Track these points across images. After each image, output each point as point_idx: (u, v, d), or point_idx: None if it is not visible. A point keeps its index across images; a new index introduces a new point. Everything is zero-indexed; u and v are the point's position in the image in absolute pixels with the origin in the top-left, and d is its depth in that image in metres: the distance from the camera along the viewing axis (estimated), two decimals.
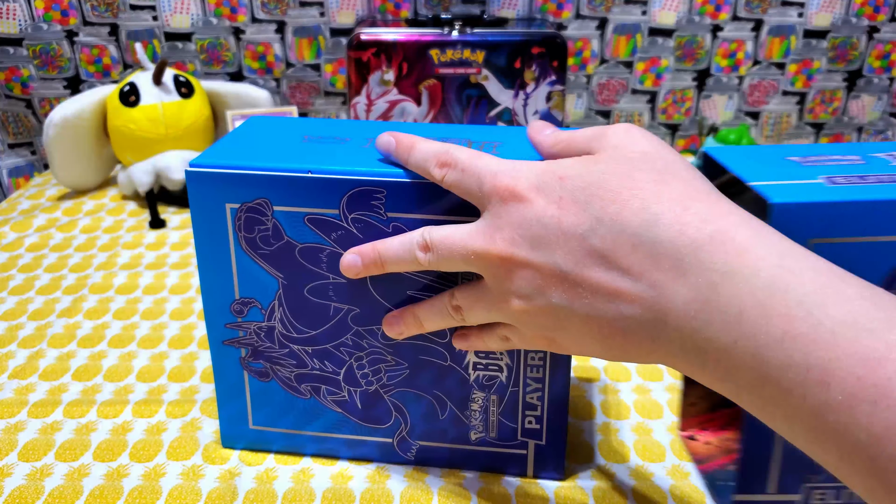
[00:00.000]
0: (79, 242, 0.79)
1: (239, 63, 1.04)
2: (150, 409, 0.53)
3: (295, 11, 1.01)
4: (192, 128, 0.89)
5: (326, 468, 0.48)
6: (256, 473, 0.47)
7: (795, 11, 1.03)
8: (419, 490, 0.46)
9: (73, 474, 0.47)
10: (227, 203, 0.42)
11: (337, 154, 0.42)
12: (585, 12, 1.03)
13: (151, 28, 1.01)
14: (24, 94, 1.02)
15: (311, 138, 0.45)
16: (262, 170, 0.41)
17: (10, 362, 0.59)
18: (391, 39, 0.84)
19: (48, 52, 1.00)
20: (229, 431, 0.49)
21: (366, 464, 0.48)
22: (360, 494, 0.46)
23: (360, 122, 0.50)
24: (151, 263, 0.74)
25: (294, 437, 0.48)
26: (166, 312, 0.66)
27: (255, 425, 0.48)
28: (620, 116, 1.09)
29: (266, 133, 0.46)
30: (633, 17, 1.03)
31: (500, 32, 0.85)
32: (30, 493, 0.46)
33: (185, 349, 0.60)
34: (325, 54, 1.04)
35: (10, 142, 1.06)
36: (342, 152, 0.43)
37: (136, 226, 0.83)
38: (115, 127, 0.87)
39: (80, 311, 0.66)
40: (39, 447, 0.50)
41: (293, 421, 0.47)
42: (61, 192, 0.92)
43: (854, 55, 1.06)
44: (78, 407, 0.53)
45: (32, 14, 0.98)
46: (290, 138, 0.45)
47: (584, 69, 1.06)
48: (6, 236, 0.80)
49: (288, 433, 0.48)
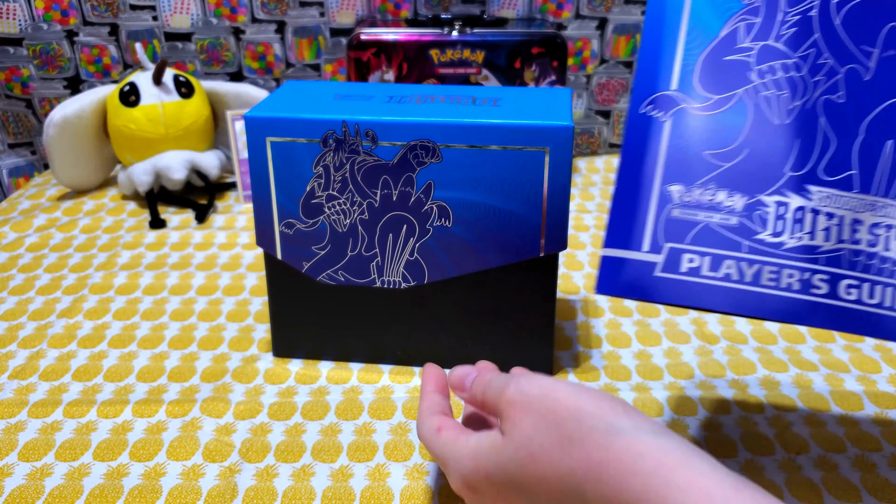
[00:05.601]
0: (79, 242, 0.79)
1: (239, 63, 1.04)
2: (150, 408, 0.53)
3: (295, 11, 1.01)
4: (192, 128, 0.89)
5: (326, 465, 0.48)
6: (256, 471, 0.47)
7: None
8: (419, 488, 0.46)
9: (73, 474, 0.47)
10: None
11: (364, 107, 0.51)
12: (585, 12, 1.03)
13: (151, 28, 1.01)
14: (24, 93, 1.02)
15: (341, 96, 0.53)
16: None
17: (10, 362, 0.59)
18: (391, 39, 0.84)
19: (48, 52, 1.00)
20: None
21: (366, 461, 0.48)
22: (361, 492, 0.46)
23: (376, 84, 0.58)
24: (151, 263, 0.74)
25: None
26: (166, 313, 0.66)
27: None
28: (620, 116, 1.09)
29: (304, 92, 0.55)
30: (634, 16, 1.03)
31: (500, 32, 0.85)
32: (30, 492, 0.46)
33: (185, 349, 0.60)
34: (325, 54, 1.04)
35: (10, 142, 1.06)
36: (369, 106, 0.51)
37: (136, 226, 0.83)
38: (115, 127, 0.87)
39: (81, 311, 0.66)
40: (39, 447, 0.49)
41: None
42: (61, 192, 0.92)
43: None
44: (78, 407, 0.53)
45: (32, 14, 0.98)
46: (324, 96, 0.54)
47: (584, 69, 1.06)
48: (6, 236, 0.80)
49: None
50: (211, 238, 0.80)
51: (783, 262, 0.35)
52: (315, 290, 0.55)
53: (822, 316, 0.34)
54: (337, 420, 0.52)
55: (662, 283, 0.35)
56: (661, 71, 0.37)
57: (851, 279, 0.34)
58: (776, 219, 0.35)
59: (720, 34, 0.37)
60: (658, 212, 0.36)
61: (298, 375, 0.57)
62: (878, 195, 0.35)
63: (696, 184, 0.36)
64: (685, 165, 0.36)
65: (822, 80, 0.36)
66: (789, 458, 0.49)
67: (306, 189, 0.52)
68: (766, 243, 0.35)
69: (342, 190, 0.52)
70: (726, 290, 0.35)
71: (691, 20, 0.37)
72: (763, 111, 0.36)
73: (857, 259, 0.35)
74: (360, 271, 0.54)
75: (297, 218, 0.53)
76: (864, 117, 0.36)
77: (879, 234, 0.35)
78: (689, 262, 0.35)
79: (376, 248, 0.53)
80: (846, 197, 0.35)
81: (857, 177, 0.35)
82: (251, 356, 0.59)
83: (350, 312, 0.56)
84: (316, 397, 0.55)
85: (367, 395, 0.55)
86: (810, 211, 0.35)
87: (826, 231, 0.35)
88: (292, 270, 0.55)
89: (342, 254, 0.53)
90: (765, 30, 0.37)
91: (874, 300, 0.34)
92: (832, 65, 0.36)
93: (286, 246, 0.54)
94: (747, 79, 0.37)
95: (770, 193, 0.36)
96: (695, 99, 0.37)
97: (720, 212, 0.36)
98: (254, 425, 0.52)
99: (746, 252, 0.35)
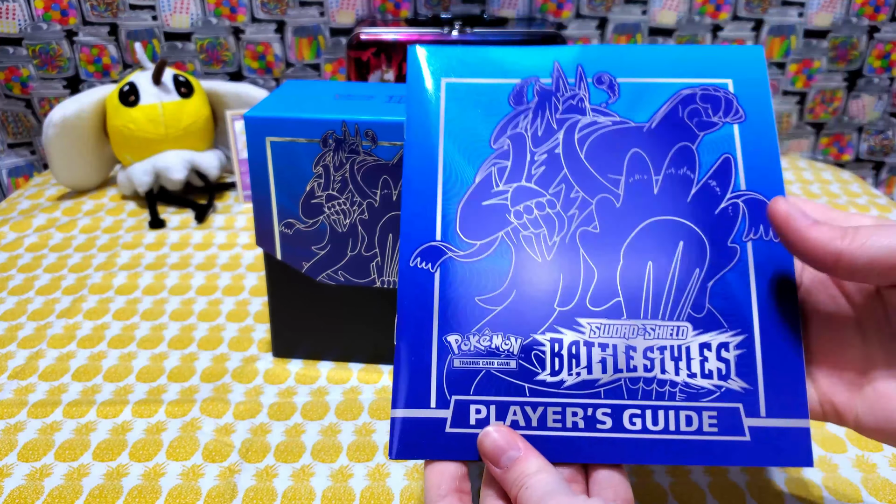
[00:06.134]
0: (78, 242, 0.79)
1: (239, 63, 1.04)
2: (150, 409, 0.53)
3: (295, 11, 1.01)
4: (191, 128, 0.89)
5: (326, 466, 0.48)
6: (256, 471, 0.47)
7: (796, 11, 1.03)
8: (419, 488, 0.46)
9: (73, 474, 0.47)
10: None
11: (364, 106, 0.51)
12: (585, 12, 1.02)
13: (151, 28, 1.01)
14: (23, 93, 1.02)
15: (341, 96, 0.53)
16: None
17: (9, 362, 0.58)
18: (391, 39, 0.84)
19: (48, 52, 1.00)
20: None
21: (366, 461, 0.48)
22: (361, 493, 0.46)
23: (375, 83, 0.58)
24: (151, 264, 0.74)
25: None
26: (166, 313, 0.66)
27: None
28: None
29: (304, 92, 0.54)
30: (634, 16, 1.03)
31: (500, 32, 0.85)
32: (29, 493, 0.46)
33: (184, 349, 0.60)
34: (324, 54, 1.04)
35: (9, 142, 1.06)
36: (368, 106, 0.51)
37: (135, 226, 0.83)
38: (114, 127, 0.87)
39: (80, 311, 0.66)
40: (39, 447, 0.49)
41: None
42: (61, 192, 0.92)
43: (854, 55, 1.06)
44: (77, 407, 0.53)
45: (32, 14, 0.98)
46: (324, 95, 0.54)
47: None
48: (6, 236, 0.80)
49: None
50: (210, 238, 0.80)
51: (565, 400, 0.34)
52: (315, 290, 0.55)
53: (608, 451, 0.34)
54: (337, 420, 0.52)
55: (455, 438, 0.34)
56: (424, 223, 0.37)
57: (633, 408, 0.34)
58: (553, 357, 0.35)
59: (476, 181, 0.38)
60: (440, 364, 0.35)
61: (298, 375, 0.57)
62: (647, 318, 0.35)
63: (471, 331, 0.36)
64: (459, 314, 0.36)
65: (576, 214, 0.37)
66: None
67: (306, 189, 0.52)
68: (547, 383, 0.35)
69: (342, 190, 0.51)
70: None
71: (446, 171, 0.38)
72: (525, 251, 0.37)
73: (635, 387, 0.34)
74: (360, 271, 0.54)
75: (296, 218, 0.53)
76: (622, 243, 0.36)
77: (654, 357, 0.35)
78: (477, 414, 0.35)
79: (376, 248, 0.53)
80: (616, 325, 0.35)
81: (623, 303, 0.35)
82: (251, 356, 0.59)
83: (350, 312, 0.56)
84: (316, 397, 0.55)
85: (367, 395, 0.55)
86: (584, 344, 0.35)
87: (602, 362, 0.35)
88: (292, 270, 0.55)
89: (342, 254, 0.53)
90: (516, 171, 0.38)
91: (658, 426, 0.34)
92: (584, 197, 0.37)
93: (286, 246, 0.54)
94: (507, 221, 0.37)
95: (543, 332, 0.35)
96: (459, 247, 0.37)
97: (499, 357, 0.35)
98: (253, 425, 0.52)
99: (529, 395, 0.35)
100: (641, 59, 0.39)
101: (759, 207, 0.35)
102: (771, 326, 0.34)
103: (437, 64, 0.40)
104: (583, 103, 0.38)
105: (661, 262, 0.35)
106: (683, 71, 0.38)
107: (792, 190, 0.93)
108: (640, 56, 0.39)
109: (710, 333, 0.34)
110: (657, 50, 0.39)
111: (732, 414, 0.33)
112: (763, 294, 0.34)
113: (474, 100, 0.39)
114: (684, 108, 0.37)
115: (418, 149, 0.38)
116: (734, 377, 0.34)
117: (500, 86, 0.39)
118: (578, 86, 0.39)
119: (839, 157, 1.14)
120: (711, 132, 0.37)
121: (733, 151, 0.36)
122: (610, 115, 0.38)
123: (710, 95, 0.37)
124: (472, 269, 0.36)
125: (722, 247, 0.35)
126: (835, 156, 1.14)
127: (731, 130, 0.37)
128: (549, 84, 0.39)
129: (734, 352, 0.34)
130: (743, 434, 0.33)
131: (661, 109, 0.38)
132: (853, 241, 0.30)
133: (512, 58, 0.40)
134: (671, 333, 0.35)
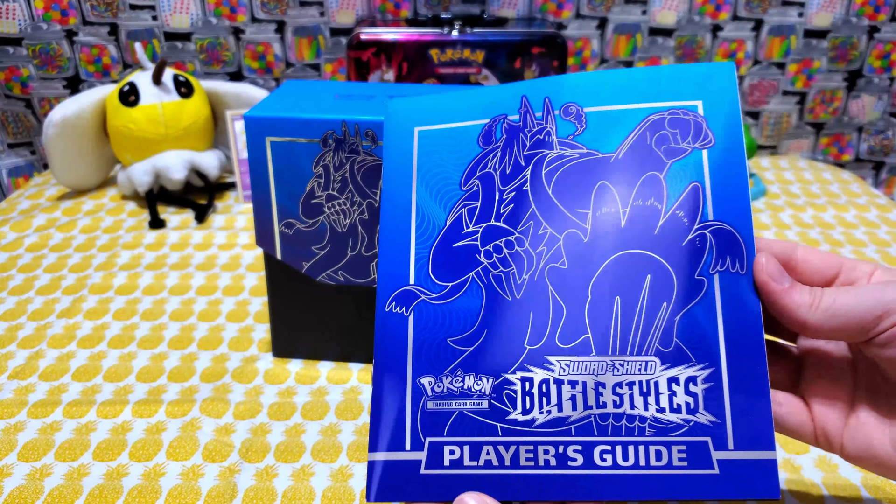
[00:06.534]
0: (78, 242, 0.79)
1: (239, 63, 1.04)
2: (150, 409, 0.53)
3: (295, 11, 1.01)
4: (191, 128, 0.89)
5: (326, 465, 0.48)
6: (256, 471, 0.47)
7: (796, 11, 1.03)
8: None
9: (73, 474, 0.47)
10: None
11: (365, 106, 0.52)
12: (585, 12, 1.02)
13: (151, 28, 1.01)
14: (23, 93, 1.02)
15: (341, 96, 0.54)
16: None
17: (9, 362, 0.58)
18: (391, 39, 0.84)
19: (48, 52, 1.00)
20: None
21: (366, 461, 0.48)
22: (360, 492, 0.46)
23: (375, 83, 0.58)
24: (151, 264, 0.74)
25: None
26: (166, 313, 0.66)
27: None
28: None
29: (304, 92, 0.55)
30: (634, 16, 1.03)
31: (500, 32, 0.85)
32: (29, 492, 0.46)
33: (184, 349, 0.60)
34: (324, 54, 1.04)
35: (9, 142, 1.06)
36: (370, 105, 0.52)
37: (135, 226, 0.83)
38: (114, 127, 0.87)
39: (80, 311, 0.66)
40: (39, 447, 0.49)
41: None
42: (61, 192, 0.92)
43: (854, 55, 1.06)
44: (77, 407, 0.53)
45: (32, 14, 0.98)
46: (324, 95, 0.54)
47: (584, 69, 1.06)
48: (6, 236, 0.80)
49: None
50: (210, 238, 0.80)
51: (537, 438, 0.35)
52: (315, 290, 0.55)
53: (580, 488, 0.34)
54: (337, 420, 0.52)
55: (430, 480, 0.35)
56: (399, 268, 0.38)
57: (604, 444, 0.34)
58: (524, 395, 0.35)
59: (447, 223, 0.38)
60: (413, 407, 0.36)
61: (298, 375, 0.57)
62: (615, 354, 0.35)
63: (444, 372, 0.36)
64: (432, 356, 0.36)
65: (544, 251, 0.37)
66: (789, 459, 0.49)
67: (306, 189, 0.52)
68: (519, 422, 0.35)
69: (342, 190, 0.51)
70: (489, 477, 0.34)
71: (419, 216, 0.38)
72: (495, 290, 0.37)
73: (605, 423, 0.34)
74: (360, 271, 0.54)
75: (296, 218, 0.53)
76: (590, 278, 0.36)
77: (623, 392, 0.35)
78: (451, 455, 0.35)
79: (376, 248, 0.53)
80: (585, 362, 0.35)
81: (592, 339, 0.35)
82: (251, 356, 0.59)
83: (350, 312, 0.56)
84: (316, 397, 0.55)
85: (366, 395, 0.55)
86: (554, 382, 0.35)
87: (572, 400, 0.35)
88: (292, 270, 0.55)
89: (342, 254, 0.53)
90: (485, 211, 0.38)
91: (629, 462, 0.34)
92: (551, 233, 0.37)
93: (286, 246, 0.54)
94: (477, 261, 0.37)
95: (514, 371, 0.35)
96: (431, 289, 0.37)
97: (471, 397, 0.36)
98: (253, 425, 0.52)
99: (502, 435, 0.35)
100: (609, 86, 0.38)
101: (726, 238, 0.35)
102: (737, 359, 0.34)
103: (410, 114, 0.41)
104: (549, 137, 0.38)
105: (629, 297, 0.35)
106: (653, 95, 0.38)
107: (792, 190, 0.94)
108: (609, 82, 0.39)
109: (678, 368, 0.34)
110: (626, 74, 0.39)
111: (701, 447, 0.33)
112: (730, 327, 0.34)
113: (446, 144, 0.39)
114: (652, 135, 0.37)
115: (393, 197, 0.39)
116: (702, 411, 0.34)
117: (470, 128, 0.39)
118: (546, 119, 0.39)
119: (839, 157, 1.14)
120: (679, 159, 0.36)
121: (702, 179, 0.36)
122: (577, 147, 0.38)
123: (679, 119, 0.37)
124: (445, 310, 0.37)
125: (689, 280, 0.35)
126: (835, 156, 1.14)
127: (699, 157, 0.36)
128: (516, 121, 0.39)
129: (702, 385, 0.34)
130: (712, 467, 0.33)
131: (629, 137, 0.37)
132: (817, 310, 0.32)
133: (481, 98, 0.40)
134: (640, 369, 0.35)
